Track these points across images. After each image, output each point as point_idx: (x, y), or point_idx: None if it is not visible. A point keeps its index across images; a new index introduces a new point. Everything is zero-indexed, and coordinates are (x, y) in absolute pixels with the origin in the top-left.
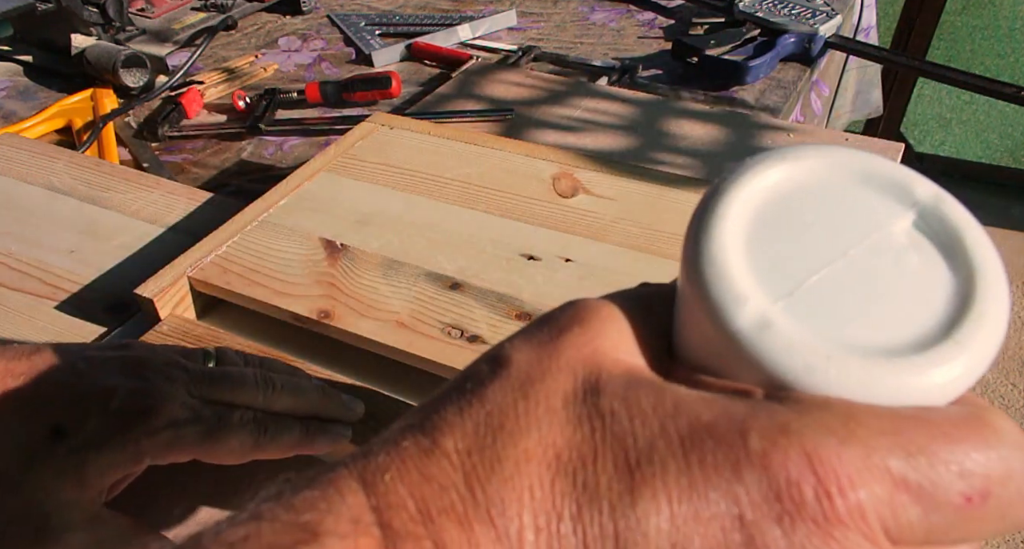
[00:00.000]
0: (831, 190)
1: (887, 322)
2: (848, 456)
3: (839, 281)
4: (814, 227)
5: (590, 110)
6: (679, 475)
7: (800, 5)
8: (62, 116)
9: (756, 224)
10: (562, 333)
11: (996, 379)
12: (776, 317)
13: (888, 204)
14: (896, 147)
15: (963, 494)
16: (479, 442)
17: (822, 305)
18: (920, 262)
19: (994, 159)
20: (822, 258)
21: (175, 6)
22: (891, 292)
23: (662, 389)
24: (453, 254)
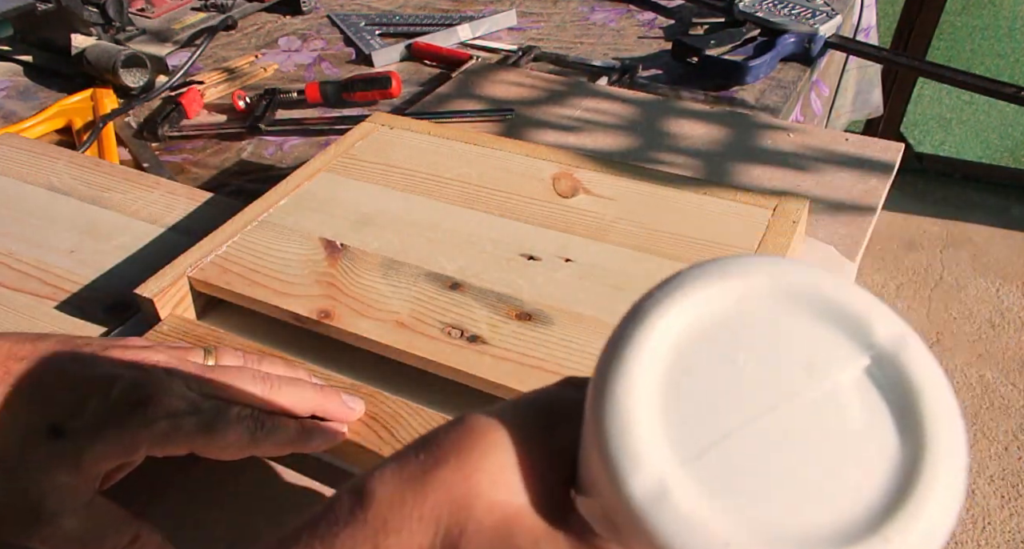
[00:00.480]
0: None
1: (809, 502)
2: None
3: (762, 442)
4: (744, 370)
5: (590, 110)
6: None
7: (800, 5)
8: (62, 116)
9: (676, 365)
10: (436, 466)
11: (996, 379)
12: (676, 485)
13: (839, 344)
14: (896, 147)
15: None
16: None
17: (735, 472)
18: (865, 424)
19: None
20: (747, 411)
21: (175, 6)
22: (822, 461)
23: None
24: (453, 254)
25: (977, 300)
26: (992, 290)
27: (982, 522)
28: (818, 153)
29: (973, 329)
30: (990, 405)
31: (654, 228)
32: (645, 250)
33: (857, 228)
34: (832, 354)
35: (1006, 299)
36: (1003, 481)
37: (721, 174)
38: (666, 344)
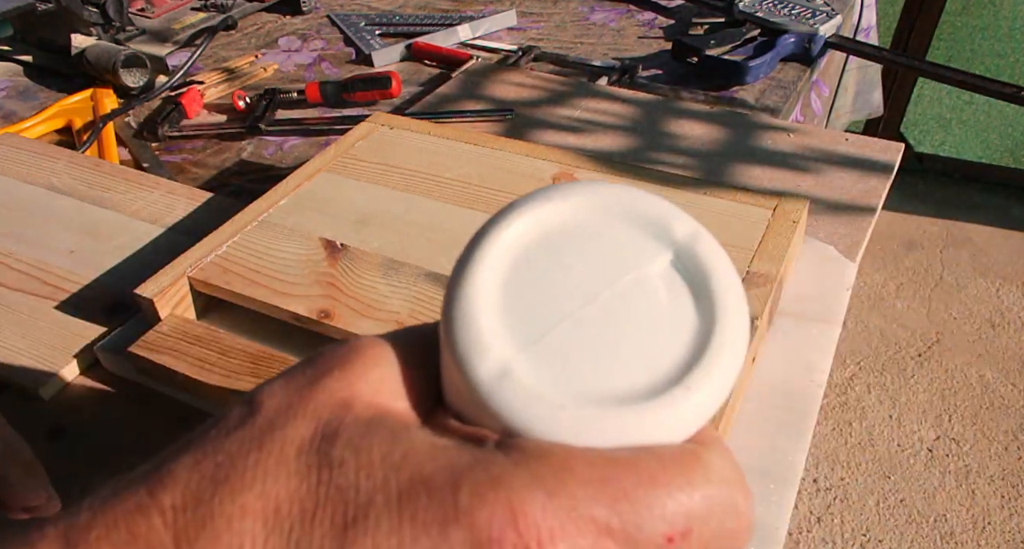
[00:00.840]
0: (594, 230)
1: (627, 368)
2: (553, 509)
3: (587, 326)
4: (572, 270)
5: (590, 110)
6: (390, 534)
7: (800, 5)
8: (62, 116)
9: (515, 270)
10: (320, 377)
11: (996, 379)
12: (517, 367)
13: (647, 243)
14: (896, 147)
15: (665, 534)
16: (197, 497)
17: (566, 352)
18: (670, 304)
19: (994, 159)
20: (575, 302)
21: (175, 6)
22: (637, 336)
23: (398, 437)
24: (453, 254)
25: (977, 300)
26: (992, 290)
27: (982, 522)
28: (818, 153)
29: (973, 329)
30: (990, 405)
31: None
32: None
33: (857, 228)
34: (642, 251)
35: (1006, 299)
36: (1003, 481)
37: (721, 174)
38: (505, 253)
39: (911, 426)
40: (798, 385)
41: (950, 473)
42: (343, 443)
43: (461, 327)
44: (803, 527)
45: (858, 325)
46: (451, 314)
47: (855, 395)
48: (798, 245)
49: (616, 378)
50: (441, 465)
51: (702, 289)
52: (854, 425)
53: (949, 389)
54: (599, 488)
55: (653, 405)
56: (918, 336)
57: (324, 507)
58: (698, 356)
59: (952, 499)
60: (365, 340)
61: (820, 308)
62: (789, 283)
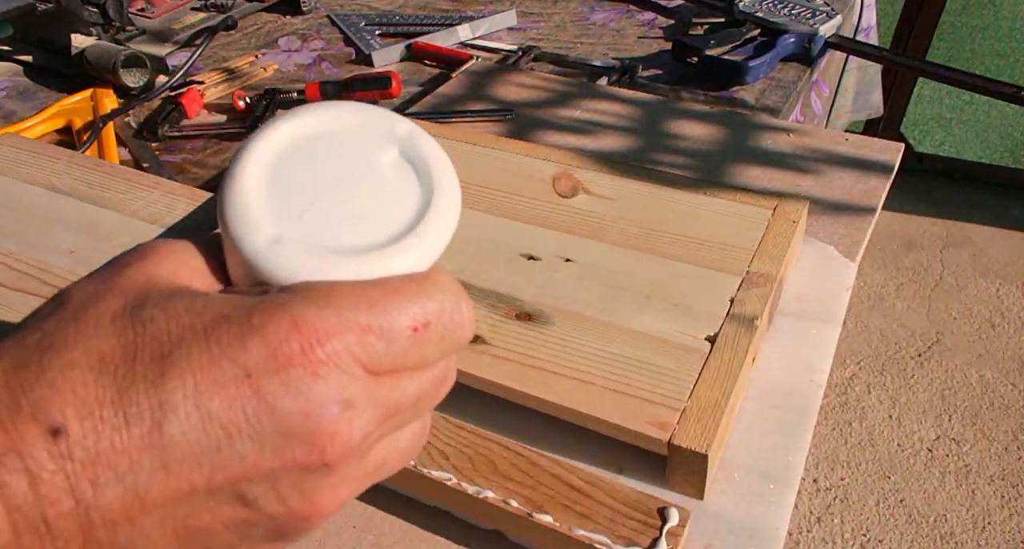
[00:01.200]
0: (338, 135)
1: (373, 228)
2: (325, 316)
3: (337, 203)
4: (323, 164)
5: (590, 110)
6: (200, 354)
7: (800, 5)
8: (62, 116)
9: (277, 166)
10: (122, 268)
11: (996, 379)
12: (285, 237)
13: (379, 141)
14: (896, 147)
15: (410, 327)
16: (25, 362)
17: (322, 223)
18: (400, 182)
19: (994, 159)
20: (326, 186)
21: (175, 6)
22: (378, 207)
23: (197, 296)
24: (453, 254)
25: (977, 300)
26: (992, 290)
27: (982, 522)
28: (818, 153)
29: (973, 329)
30: (990, 405)
31: (654, 228)
32: (645, 250)
33: (857, 228)
34: (375, 147)
35: (1006, 299)
36: (1003, 481)
37: (721, 174)
38: (267, 152)
39: (911, 426)
40: (798, 385)
41: (950, 473)
42: (151, 306)
43: (235, 212)
44: (803, 527)
45: (858, 325)
46: (225, 203)
47: (855, 395)
48: (798, 245)
49: (366, 236)
50: (235, 305)
51: (423, 170)
52: (854, 425)
53: (949, 389)
54: (358, 300)
55: (395, 248)
56: (918, 336)
57: (142, 350)
58: (423, 214)
59: (952, 499)
60: (157, 240)
61: (820, 308)
62: (789, 283)
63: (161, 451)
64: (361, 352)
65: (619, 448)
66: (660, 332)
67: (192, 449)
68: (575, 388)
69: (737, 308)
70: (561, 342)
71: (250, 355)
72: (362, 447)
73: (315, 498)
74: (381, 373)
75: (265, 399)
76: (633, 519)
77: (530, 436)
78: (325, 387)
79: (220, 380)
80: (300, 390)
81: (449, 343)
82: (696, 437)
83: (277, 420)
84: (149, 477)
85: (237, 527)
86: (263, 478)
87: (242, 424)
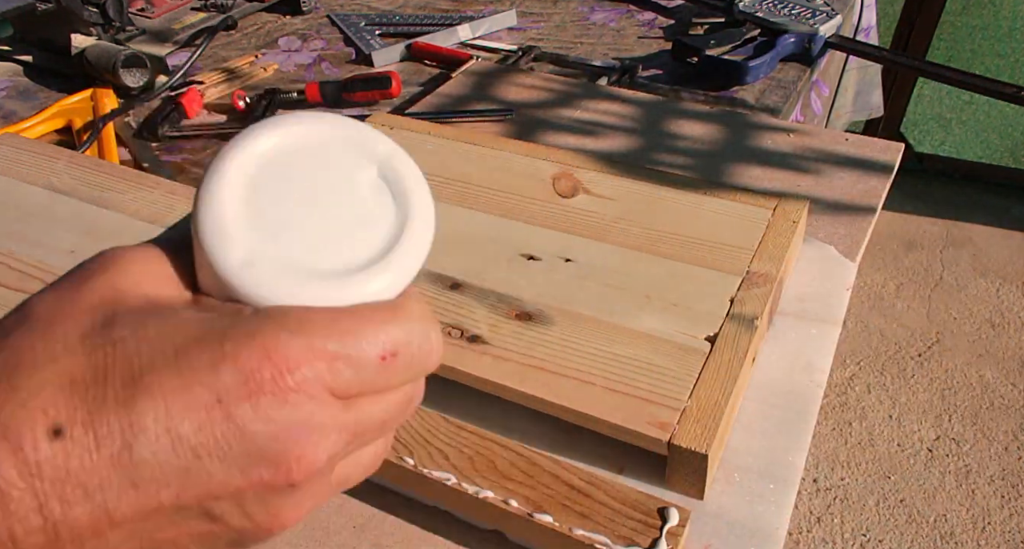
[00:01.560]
0: (317, 150)
1: (348, 251)
2: (296, 344)
3: (315, 222)
4: (301, 180)
5: (590, 110)
6: (172, 377)
7: (800, 5)
8: (62, 116)
9: (255, 179)
10: (85, 281)
11: (996, 379)
12: (260, 257)
13: (359, 159)
14: (896, 147)
15: (379, 355)
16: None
17: (298, 242)
18: (377, 204)
19: (994, 159)
20: (304, 204)
21: (175, 6)
22: (354, 228)
23: (167, 316)
24: (453, 254)
25: (977, 300)
26: (992, 290)
27: (982, 522)
28: (818, 153)
29: (973, 329)
30: (990, 405)
31: (654, 228)
32: (645, 250)
33: (857, 228)
34: (354, 165)
35: (1006, 299)
36: (1003, 481)
37: (721, 174)
38: (246, 164)
39: (911, 426)
40: (798, 385)
41: (950, 473)
42: (120, 326)
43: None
44: (803, 527)
45: (858, 325)
46: (202, 212)
47: (855, 395)
48: (798, 245)
49: (340, 259)
50: (207, 328)
51: (399, 192)
52: (854, 425)
53: (949, 389)
54: (329, 328)
55: (369, 273)
56: (918, 336)
57: (113, 371)
58: (397, 239)
59: (952, 499)
60: (119, 247)
61: (820, 308)
62: (789, 283)
63: (131, 470)
64: (330, 379)
65: (619, 448)
66: (660, 332)
67: (162, 469)
68: (575, 388)
69: (737, 308)
70: (561, 342)
71: (222, 381)
72: (327, 467)
73: (279, 513)
74: (348, 398)
75: (235, 423)
76: (633, 519)
77: (530, 436)
78: (294, 412)
79: (191, 405)
80: (270, 415)
81: (416, 370)
82: (696, 437)
83: (246, 443)
84: (118, 495)
85: (202, 539)
86: (230, 496)
87: (211, 446)
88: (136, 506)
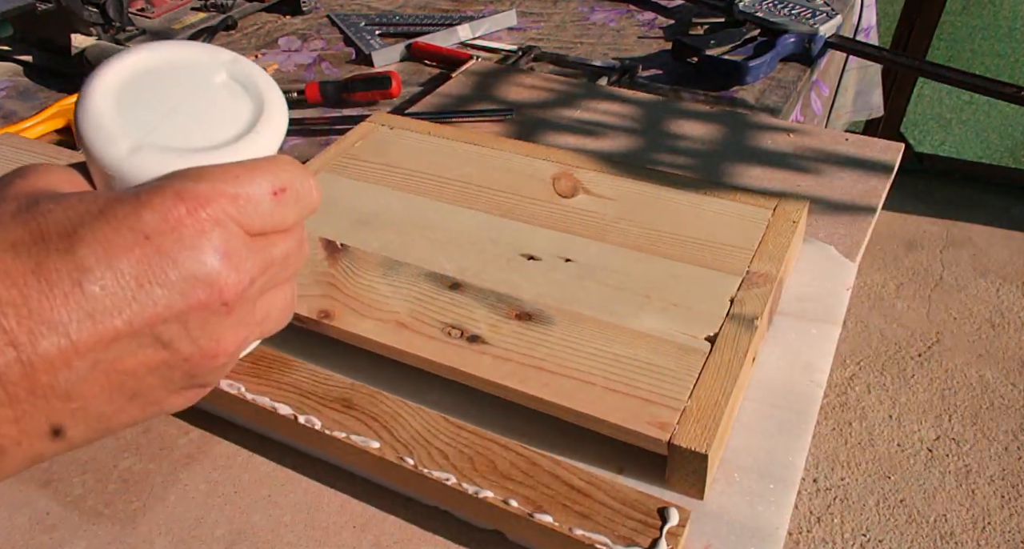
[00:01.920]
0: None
1: (218, 133)
2: (201, 188)
3: (183, 116)
4: (164, 88)
5: (590, 110)
6: (102, 227)
7: (800, 5)
8: (62, 116)
9: (124, 91)
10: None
11: (996, 379)
12: (142, 145)
13: (212, 66)
14: (896, 147)
15: (271, 191)
16: None
17: (172, 132)
18: (232, 98)
19: (994, 159)
20: (171, 105)
21: (175, 6)
22: (218, 117)
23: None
24: (453, 254)
25: (977, 300)
26: (992, 290)
27: (982, 522)
28: (818, 153)
29: (973, 329)
30: (990, 405)
31: (654, 228)
32: (645, 250)
33: (857, 228)
34: (207, 72)
35: (1006, 299)
36: (1003, 481)
37: (721, 174)
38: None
39: (911, 426)
40: (798, 385)
41: (950, 473)
42: (45, 201)
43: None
44: (803, 527)
45: (858, 325)
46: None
47: (855, 395)
48: (798, 245)
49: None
50: (120, 192)
51: (250, 86)
52: (854, 425)
53: (949, 389)
54: (225, 174)
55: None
56: (918, 336)
57: (48, 232)
58: (258, 118)
59: (952, 499)
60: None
61: (820, 308)
62: (789, 283)
63: (84, 304)
64: (236, 213)
65: (619, 448)
66: (660, 332)
67: (112, 299)
68: (575, 388)
69: (737, 308)
70: (561, 342)
71: (145, 222)
72: (251, 292)
73: (220, 337)
74: (254, 233)
75: (166, 254)
76: (633, 519)
77: (530, 436)
78: (213, 240)
79: (124, 244)
80: (194, 243)
81: (303, 206)
82: (696, 437)
83: (179, 268)
84: (79, 326)
85: (158, 369)
86: (175, 319)
87: (150, 275)
88: (96, 334)
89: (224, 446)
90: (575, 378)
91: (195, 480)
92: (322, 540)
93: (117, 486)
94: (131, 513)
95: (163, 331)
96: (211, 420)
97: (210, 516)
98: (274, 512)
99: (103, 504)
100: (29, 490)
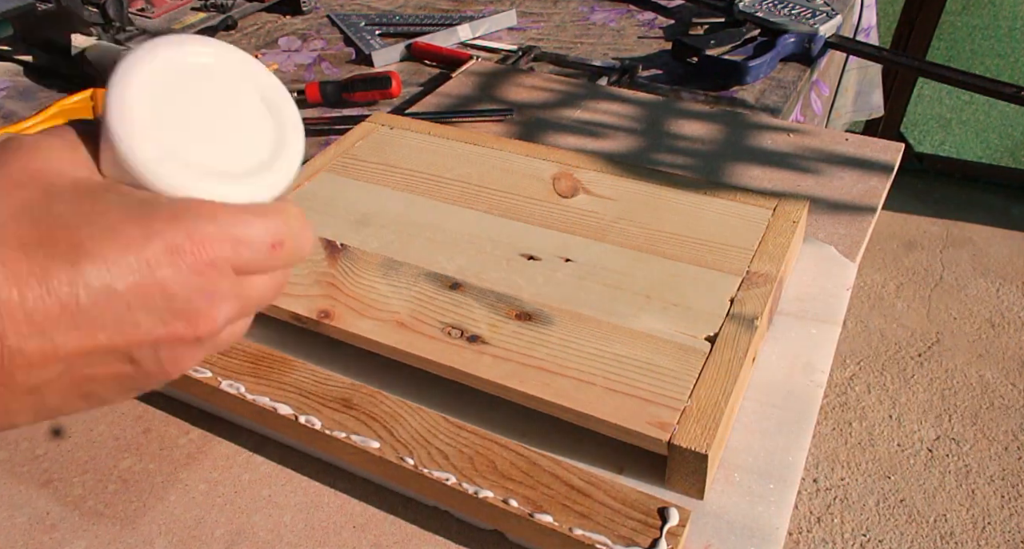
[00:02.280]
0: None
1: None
2: (210, 231)
3: (210, 130)
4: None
5: (590, 110)
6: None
7: (800, 5)
8: (62, 116)
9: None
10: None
11: (996, 379)
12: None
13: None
14: (896, 147)
15: (270, 244)
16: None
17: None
18: (259, 123)
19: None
20: (200, 115)
21: (175, 6)
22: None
23: (97, 197)
24: (453, 254)
25: (977, 300)
26: (992, 290)
27: (982, 522)
28: (818, 153)
29: (973, 329)
30: (990, 405)
31: (654, 228)
32: (645, 250)
33: (857, 228)
34: (241, 88)
35: (1006, 299)
36: (1003, 481)
37: (721, 174)
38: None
39: (911, 426)
40: (798, 385)
41: (950, 473)
42: (59, 202)
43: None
44: (803, 527)
45: (858, 325)
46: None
47: (855, 395)
48: (798, 245)
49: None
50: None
51: (275, 111)
52: (854, 425)
53: (949, 389)
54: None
55: (259, 177)
56: (918, 336)
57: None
58: (278, 151)
59: (952, 499)
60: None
61: (820, 308)
62: (789, 283)
63: (76, 315)
64: (233, 255)
65: (619, 448)
66: (660, 332)
67: (101, 316)
68: (575, 388)
69: (737, 308)
70: (561, 342)
71: (151, 251)
72: (222, 329)
73: (180, 362)
74: (244, 274)
75: (160, 284)
76: (633, 519)
77: (530, 436)
78: (206, 281)
79: (127, 269)
80: (188, 281)
81: (295, 257)
82: (696, 437)
83: (168, 301)
84: (66, 335)
85: (119, 379)
86: (150, 344)
87: (141, 301)
88: (78, 344)
89: (224, 446)
90: (575, 378)
91: (195, 480)
92: (322, 540)
93: (117, 486)
94: (131, 513)
95: (136, 351)
96: (211, 420)
97: (210, 516)
98: (274, 512)
99: (103, 504)
100: (29, 490)
